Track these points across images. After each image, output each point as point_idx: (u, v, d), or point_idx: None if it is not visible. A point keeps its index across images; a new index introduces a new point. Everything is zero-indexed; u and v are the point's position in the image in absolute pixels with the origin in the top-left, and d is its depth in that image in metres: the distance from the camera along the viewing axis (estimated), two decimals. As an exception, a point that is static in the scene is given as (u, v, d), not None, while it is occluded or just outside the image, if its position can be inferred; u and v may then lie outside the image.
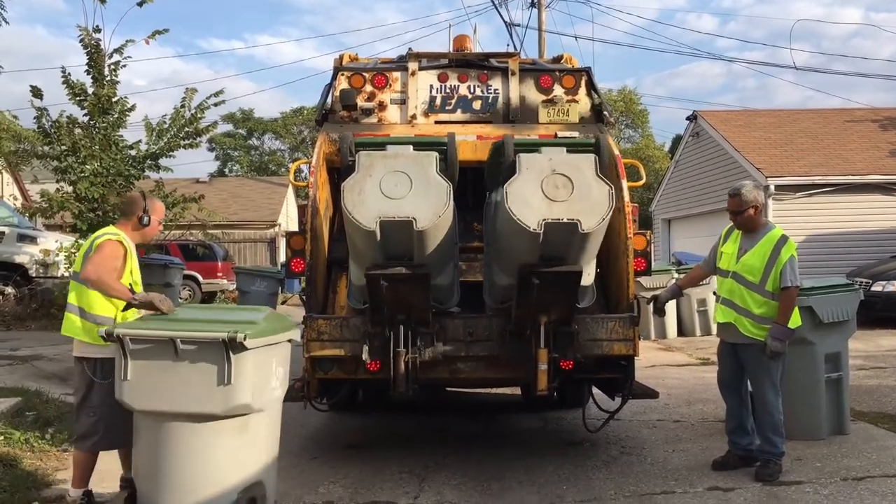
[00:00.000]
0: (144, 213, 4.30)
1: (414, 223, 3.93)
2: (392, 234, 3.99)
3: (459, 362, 4.82)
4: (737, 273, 4.89)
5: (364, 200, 3.99)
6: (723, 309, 4.99)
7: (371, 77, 5.93)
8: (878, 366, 9.01)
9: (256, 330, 3.63)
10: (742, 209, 4.89)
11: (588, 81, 5.97)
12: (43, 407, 6.17)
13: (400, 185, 4.00)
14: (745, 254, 4.88)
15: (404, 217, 3.94)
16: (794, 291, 4.79)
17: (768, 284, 4.78)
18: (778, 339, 4.73)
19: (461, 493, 4.70)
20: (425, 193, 4.00)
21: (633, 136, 45.56)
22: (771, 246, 4.81)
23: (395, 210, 3.96)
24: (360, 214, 3.97)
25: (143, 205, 4.29)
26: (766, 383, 4.87)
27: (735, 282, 4.89)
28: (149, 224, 4.33)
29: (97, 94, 11.24)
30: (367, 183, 4.02)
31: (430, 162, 4.10)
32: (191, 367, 3.57)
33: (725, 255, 5.03)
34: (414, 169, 4.05)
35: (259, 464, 3.75)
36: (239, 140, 50.31)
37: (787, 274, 4.73)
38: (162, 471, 3.63)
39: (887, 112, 19.81)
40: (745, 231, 4.97)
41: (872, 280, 12.78)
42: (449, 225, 4.23)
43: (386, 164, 4.06)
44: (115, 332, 3.62)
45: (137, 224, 4.30)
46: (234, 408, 3.58)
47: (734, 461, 4.98)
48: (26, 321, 11.40)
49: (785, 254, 4.76)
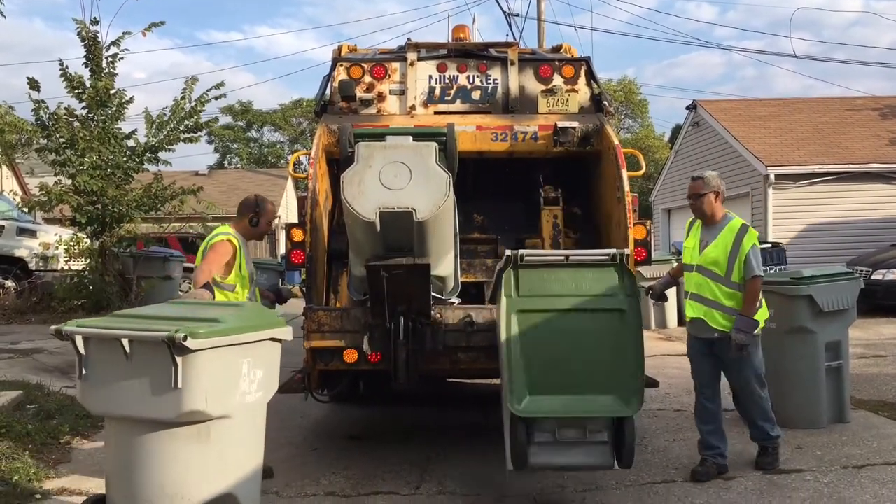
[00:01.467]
0: (255, 215, 4.82)
1: (414, 213, 3.92)
2: (392, 224, 3.97)
3: (460, 353, 4.82)
4: (701, 266, 4.75)
5: (363, 191, 3.97)
6: (692, 304, 4.83)
7: (370, 68, 5.91)
8: (879, 354, 9.02)
9: (213, 329, 3.33)
10: (703, 192, 4.73)
11: (587, 71, 5.95)
12: (44, 400, 6.17)
13: (399, 175, 3.98)
14: (707, 246, 4.74)
15: (404, 207, 3.92)
16: (759, 282, 4.64)
17: (734, 276, 4.64)
18: (743, 330, 4.56)
19: (463, 483, 4.72)
20: (425, 184, 3.99)
21: (633, 125, 45.49)
22: (732, 236, 4.66)
23: (395, 201, 3.94)
24: (359, 205, 3.95)
25: (255, 207, 4.81)
26: (749, 374, 4.74)
27: (701, 275, 4.75)
28: (258, 225, 4.83)
29: (95, 87, 11.22)
30: (366, 174, 4.00)
31: (429, 153, 4.08)
32: (141, 369, 3.30)
33: (688, 249, 4.89)
34: (413, 159, 4.03)
35: (228, 476, 3.45)
36: (238, 132, 50.21)
37: (751, 264, 4.60)
38: (123, 478, 3.42)
39: (887, 100, 19.77)
40: (704, 221, 4.81)
41: (872, 268, 12.79)
42: (449, 216, 4.22)
43: (385, 155, 4.04)
44: (64, 330, 3.41)
45: (248, 224, 4.81)
46: (185, 414, 3.27)
47: (713, 469, 4.69)
48: (26, 315, 11.39)
49: (747, 243, 4.62)
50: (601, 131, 5.63)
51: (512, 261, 4.03)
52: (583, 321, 3.99)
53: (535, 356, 3.93)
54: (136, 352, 3.30)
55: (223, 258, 4.65)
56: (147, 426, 3.34)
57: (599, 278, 4.06)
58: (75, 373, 3.51)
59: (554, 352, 3.96)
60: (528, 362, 3.92)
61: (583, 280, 4.05)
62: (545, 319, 3.99)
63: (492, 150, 5.67)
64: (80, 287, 11.32)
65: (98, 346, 3.40)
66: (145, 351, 3.29)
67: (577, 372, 3.93)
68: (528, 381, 3.88)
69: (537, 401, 3.88)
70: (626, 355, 3.95)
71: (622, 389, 3.91)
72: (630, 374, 3.93)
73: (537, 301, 4.02)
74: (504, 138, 5.64)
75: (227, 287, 4.70)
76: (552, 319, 4.00)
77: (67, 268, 11.98)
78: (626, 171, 5.25)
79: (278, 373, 3.84)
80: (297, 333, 4.21)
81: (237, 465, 3.53)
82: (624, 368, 3.93)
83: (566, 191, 5.72)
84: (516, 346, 3.94)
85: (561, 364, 3.94)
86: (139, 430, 3.35)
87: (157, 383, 3.27)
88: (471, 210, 5.88)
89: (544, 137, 5.64)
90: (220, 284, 4.67)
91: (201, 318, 3.45)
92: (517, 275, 4.04)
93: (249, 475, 3.61)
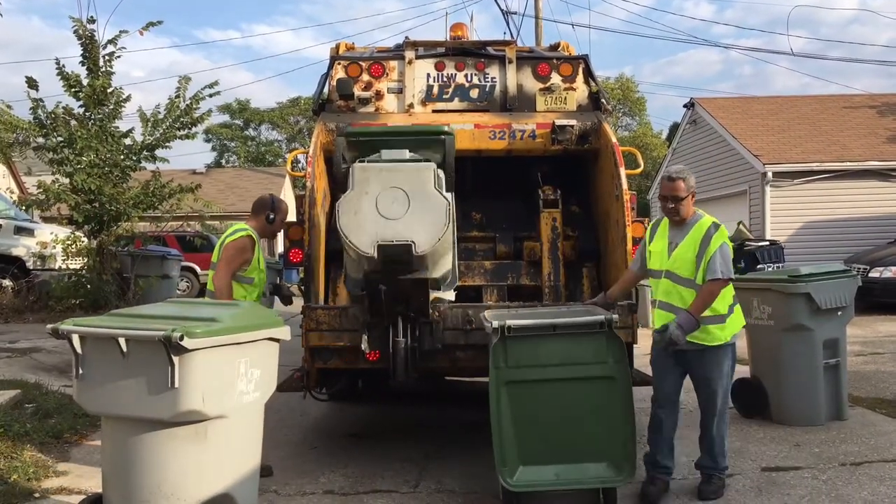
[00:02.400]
0: (271, 212, 4.94)
1: (413, 247, 3.87)
2: (391, 254, 3.91)
3: (458, 351, 4.82)
4: (670, 271, 4.37)
5: (360, 223, 3.90)
6: (660, 313, 4.41)
7: (368, 66, 5.91)
8: (876, 351, 9.04)
9: (209, 329, 3.32)
10: (684, 195, 4.36)
11: (585, 69, 5.95)
12: (42, 399, 6.17)
13: (397, 202, 3.92)
14: (677, 248, 4.37)
15: (403, 240, 3.87)
16: (720, 285, 4.23)
17: (699, 277, 4.27)
18: (682, 327, 4.16)
19: (461, 481, 4.72)
20: (424, 213, 3.91)
21: (630, 123, 45.48)
22: (701, 234, 4.30)
23: (393, 233, 3.88)
24: (356, 238, 3.89)
25: (271, 205, 4.97)
26: (719, 390, 4.34)
27: (670, 281, 4.37)
28: (274, 222, 4.96)
29: (92, 86, 11.20)
30: (363, 201, 3.93)
31: (428, 176, 4.00)
32: (138, 368, 3.28)
33: (655, 253, 4.49)
34: (411, 184, 3.96)
35: (225, 475, 3.45)
36: (236, 131, 50.14)
37: (715, 263, 4.21)
38: (120, 478, 3.41)
39: (885, 98, 19.77)
40: (675, 223, 4.44)
41: (870, 266, 12.80)
42: (449, 237, 4.16)
43: (382, 180, 3.96)
44: (61, 328, 3.40)
45: (265, 222, 4.94)
46: (181, 414, 3.27)
47: (664, 486, 4.43)
48: (24, 314, 11.37)
49: (716, 242, 4.26)
50: (599, 129, 5.63)
51: (500, 332, 3.96)
52: (572, 390, 4.00)
53: (526, 428, 3.96)
54: (132, 351, 3.30)
55: (242, 255, 4.77)
56: (144, 426, 3.33)
57: (588, 346, 4.03)
58: (72, 372, 3.49)
59: (544, 422, 3.99)
60: (518, 433, 3.95)
61: (572, 349, 4.02)
62: (534, 390, 4.00)
63: (490, 148, 5.66)
64: (77, 286, 11.30)
65: (95, 345, 3.40)
66: (142, 350, 3.28)
67: (568, 441, 3.97)
68: (519, 453, 3.93)
69: (529, 471, 3.94)
70: (616, 423, 3.98)
71: (614, 457, 3.96)
72: (621, 443, 3.98)
73: (526, 371, 4.00)
74: (502, 136, 5.64)
75: (246, 280, 4.82)
76: (541, 389, 4.00)
77: (65, 267, 11.95)
78: (624, 169, 5.24)
79: (276, 372, 3.84)
80: (295, 332, 4.22)
81: (234, 465, 3.53)
82: (615, 436, 3.97)
83: (564, 189, 5.71)
84: (507, 418, 3.95)
85: (551, 434, 3.98)
86: (136, 430, 3.35)
87: (154, 383, 3.27)
88: (469, 208, 5.88)
89: (542, 135, 5.64)
90: (239, 278, 4.77)
91: (198, 318, 3.44)
92: (505, 346, 3.99)
93: (247, 475, 3.61)
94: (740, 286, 6.34)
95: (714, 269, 4.21)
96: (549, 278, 5.46)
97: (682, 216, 4.39)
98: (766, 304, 5.90)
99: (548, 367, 4.01)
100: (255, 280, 4.89)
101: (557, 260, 5.50)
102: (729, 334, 4.34)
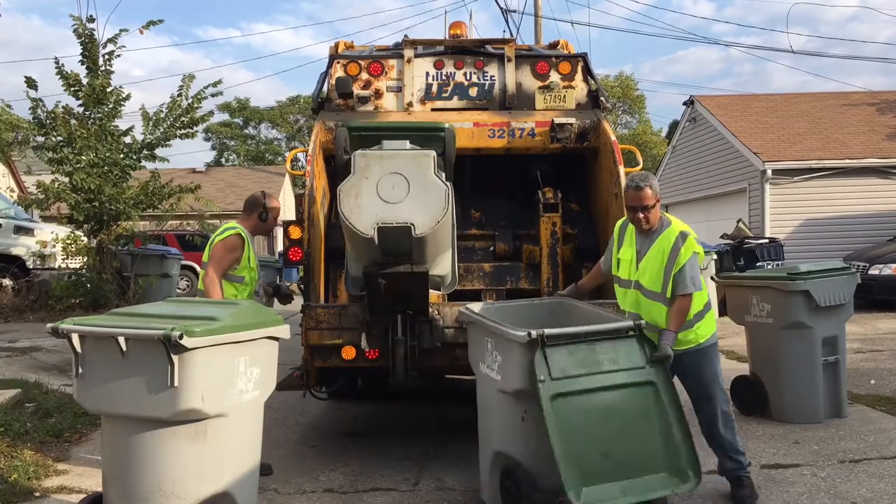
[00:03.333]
0: (264, 210, 5.01)
1: (413, 229, 3.89)
2: (390, 237, 3.94)
3: (458, 349, 4.81)
4: (639, 283, 4.22)
5: (361, 205, 3.92)
6: None
7: (367, 65, 5.90)
8: (876, 349, 9.04)
9: (209, 328, 3.32)
10: (653, 203, 4.17)
11: (584, 67, 5.95)
12: (43, 398, 6.17)
13: (397, 187, 3.93)
14: (644, 258, 4.21)
15: (402, 223, 3.90)
16: (689, 299, 4.09)
17: (668, 291, 4.12)
18: (669, 343, 4.00)
19: (461, 479, 4.72)
20: (424, 197, 3.93)
21: (630, 121, 45.52)
22: (669, 245, 4.12)
23: (393, 215, 3.90)
24: (357, 220, 3.92)
25: (263, 203, 5.01)
26: (711, 390, 4.25)
27: (639, 293, 4.22)
28: (267, 220, 5.03)
29: (91, 85, 11.19)
30: (363, 186, 3.95)
31: (428, 163, 4.02)
32: (137, 367, 3.28)
33: (624, 262, 4.33)
34: (412, 170, 3.98)
35: (225, 474, 3.45)
36: (235, 129, 50.15)
37: (685, 278, 4.06)
38: (120, 477, 3.42)
39: (884, 95, 19.77)
40: (642, 230, 4.26)
41: (869, 263, 12.80)
42: (448, 223, 4.18)
43: (383, 166, 3.98)
44: (61, 328, 3.39)
45: (258, 220, 5.01)
46: (181, 412, 3.27)
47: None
48: (24, 313, 11.39)
49: (684, 255, 4.08)
50: (598, 127, 5.63)
51: (539, 342, 3.65)
52: (619, 399, 3.76)
53: (580, 443, 3.64)
54: (132, 350, 3.30)
55: (232, 253, 4.79)
56: (143, 424, 3.33)
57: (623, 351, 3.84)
58: (72, 371, 3.50)
59: (600, 439, 3.69)
60: (574, 451, 3.60)
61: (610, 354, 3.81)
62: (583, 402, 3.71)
63: (489, 146, 5.67)
64: (77, 285, 11.31)
65: (94, 344, 3.40)
66: (141, 349, 3.28)
67: (627, 455, 3.70)
68: (580, 475, 3.57)
69: (593, 492, 3.56)
70: (671, 429, 3.75)
71: (677, 464, 3.72)
72: (679, 448, 3.73)
73: (571, 382, 3.70)
74: (501, 135, 5.64)
75: (236, 279, 4.85)
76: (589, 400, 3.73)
77: (65, 266, 11.96)
78: (624, 167, 5.25)
79: (276, 371, 3.84)
80: (295, 330, 4.23)
81: (234, 464, 3.53)
82: (672, 442, 3.73)
83: (563, 187, 5.72)
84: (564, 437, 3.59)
85: (608, 450, 3.67)
86: (136, 429, 3.35)
87: (154, 381, 3.27)
88: (468, 206, 5.88)
89: (541, 134, 5.64)
90: (229, 277, 4.80)
91: (198, 317, 3.44)
92: (545, 356, 3.67)
93: (246, 474, 3.61)
94: (740, 284, 6.37)
95: (684, 283, 4.07)
96: (549, 283, 5.48)
97: (650, 224, 4.22)
98: (765, 302, 5.91)
99: (595, 374, 3.75)
100: (246, 279, 4.89)
101: (556, 265, 5.52)
102: (700, 338, 4.22)
